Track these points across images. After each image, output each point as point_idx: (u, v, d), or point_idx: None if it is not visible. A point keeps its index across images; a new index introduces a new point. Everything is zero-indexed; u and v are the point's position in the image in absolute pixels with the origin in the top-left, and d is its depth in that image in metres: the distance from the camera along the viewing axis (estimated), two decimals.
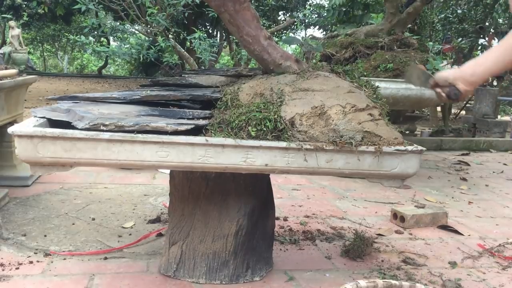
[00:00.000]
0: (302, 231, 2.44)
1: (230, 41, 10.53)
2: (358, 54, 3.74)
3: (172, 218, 1.87)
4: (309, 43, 2.63)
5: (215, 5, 1.68)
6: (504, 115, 9.33)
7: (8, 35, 11.65)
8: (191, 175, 1.76)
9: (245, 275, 1.84)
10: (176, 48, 4.70)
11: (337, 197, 3.20)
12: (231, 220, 1.78)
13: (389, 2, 3.94)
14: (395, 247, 2.33)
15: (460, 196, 3.41)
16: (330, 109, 1.55)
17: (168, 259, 1.86)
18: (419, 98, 3.38)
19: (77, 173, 3.30)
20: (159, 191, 3.04)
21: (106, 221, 2.44)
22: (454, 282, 1.95)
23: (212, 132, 1.51)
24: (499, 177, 4.17)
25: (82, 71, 22.53)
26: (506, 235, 2.62)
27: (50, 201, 2.69)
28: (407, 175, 1.61)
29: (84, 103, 1.64)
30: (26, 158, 1.41)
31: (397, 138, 1.57)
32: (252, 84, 1.69)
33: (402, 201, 3.18)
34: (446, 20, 7.30)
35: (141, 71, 16.77)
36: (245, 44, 1.75)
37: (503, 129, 6.41)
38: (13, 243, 2.11)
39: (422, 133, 6.04)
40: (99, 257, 2.01)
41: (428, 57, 3.64)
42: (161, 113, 1.58)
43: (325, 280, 1.92)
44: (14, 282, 1.75)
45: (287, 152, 1.50)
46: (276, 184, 3.33)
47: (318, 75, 1.72)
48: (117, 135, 1.41)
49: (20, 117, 2.99)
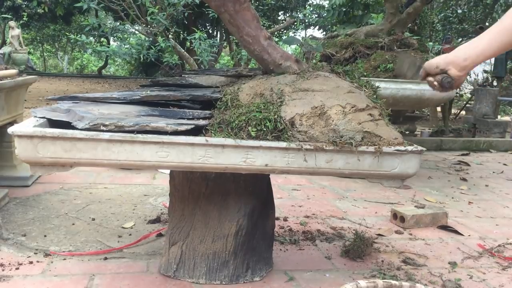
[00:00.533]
0: (302, 231, 2.44)
1: (230, 41, 10.52)
2: (358, 54, 3.74)
3: (172, 218, 1.87)
4: (309, 43, 2.63)
5: (215, 5, 1.68)
6: (504, 115, 9.33)
7: (8, 35, 11.65)
8: (191, 176, 1.76)
9: (245, 275, 1.84)
10: (176, 48, 4.70)
11: (337, 197, 3.20)
12: (231, 220, 1.78)
13: (389, 2, 3.94)
14: (395, 247, 2.33)
15: (460, 196, 3.41)
16: (330, 109, 1.55)
17: (168, 259, 1.86)
18: (419, 98, 3.38)
19: (77, 173, 3.30)
20: (159, 191, 3.04)
21: (106, 221, 2.44)
22: (454, 282, 1.95)
23: (212, 132, 1.51)
24: (499, 177, 4.17)
25: (82, 71, 22.53)
26: (506, 235, 2.62)
27: (50, 201, 2.69)
28: (407, 175, 1.61)
29: (84, 103, 1.64)
30: (26, 158, 1.41)
31: (397, 138, 1.57)
32: (252, 84, 1.69)
33: (402, 201, 3.18)
34: (446, 20, 7.30)
35: (141, 71, 16.77)
36: (245, 44, 1.75)
37: (503, 129, 6.41)
38: (13, 243, 2.11)
39: (422, 133, 6.04)
40: (99, 257, 2.01)
41: (428, 57, 3.64)
42: (161, 113, 1.57)
43: (325, 280, 1.91)
44: (14, 282, 1.75)
45: (287, 152, 1.50)
46: (276, 184, 3.33)
47: (318, 75, 1.72)
48: (117, 135, 1.41)
49: (20, 117, 2.99)
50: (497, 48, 1.26)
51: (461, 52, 1.30)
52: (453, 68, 1.29)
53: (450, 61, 1.30)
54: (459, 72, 1.29)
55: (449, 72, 1.29)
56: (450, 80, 1.29)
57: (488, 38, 1.27)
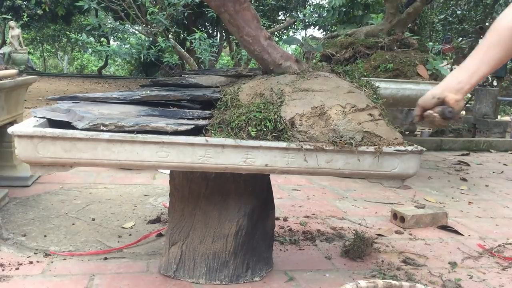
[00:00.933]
0: (302, 231, 2.44)
1: (230, 41, 10.53)
2: (358, 54, 3.74)
3: (172, 218, 1.87)
4: (309, 43, 2.63)
5: (215, 5, 1.68)
6: (504, 115, 9.32)
7: (8, 35, 11.65)
8: (191, 176, 1.76)
9: (245, 276, 1.84)
10: (176, 48, 4.71)
11: (337, 198, 3.20)
12: (231, 221, 1.78)
13: (389, 2, 3.94)
14: (395, 247, 2.33)
15: (460, 196, 3.41)
16: (330, 109, 1.55)
17: (168, 259, 1.86)
18: (419, 98, 3.37)
19: (77, 173, 3.30)
20: (159, 191, 3.04)
21: (106, 221, 2.44)
22: (454, 283, 1.95)
23: (212, 132, 1.51)
24: (499, 177, 4.17)
25: (82, 71, 22.53)
26: (506, 235, 2.62)
27: (50, 201, 2.69)
28: (407, 175, 1.61)
29: (84, 103, 1.64)
30: (26, 158, 1.41)
31: (397, 138, 1.57)
32: (252, 84, 1.69)
33: (402, 201, 3.18)
34: (446, 21, 7.30)
35: (141, 71, 16.77)
36: (245, 44, 1.75)
37: (503, 129, 6.41)
38: (13, 243, 2.10)
39: (422, 133, 6.04)
40: (99, 257, 2.01)
41: (428, 57, 3.64)
42: (161, 113, 1.57)
43: (325, 280, 1.91)
44: (14, 282, 1.75)
45: (287, 152, 1.50)
46: (276, 184, 3.33)
47: (318, 75, 1.72)
48: (117, 135, 1.41)
49: (20, 117, 2.99)
50: (488, 65, 1.23)
51: (453, 77, 1.27)
52: (449, 93, 1.25)
53: (444, 88, 1.27)
54: (456, 96, 1.25)
55: (447, 99, 1.25)
56: (451, 110, 1.24)
57: (477, 58, 1.24)
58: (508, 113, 9.60)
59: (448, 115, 1.24)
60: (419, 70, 3.48)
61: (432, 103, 1.29)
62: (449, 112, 1.24)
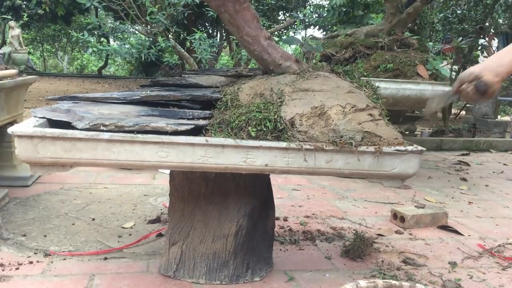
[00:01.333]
0: (302, 231, 2.44)
1: (230, 41, 10.52)
2: (358, 54, 3.74)
3: (172, 218, 1.87)
4: (309, 43, 2.63)
5: (215, 5, 1.68)
6: (504, 115, 9.32)
7: (8, 35, 11.65)
8: (191, 176, 1.76)
9: (245, 276, 1.84)
10: (176, 48, 4.70)
11: (337, 197, 3.20)
12: (231, 220, 1.78)
13: (389, 2, 3.94)
14: (395, 247, 2.33)
15: (460, 196, 3.41)
16: (330, 109, 1.55)
17: (168, 259, 1.86)
18: (419, 98, 3.38)
19: (77, 173, 3.30)
20: (159, 191, 3.04)
21: (106, 221, 2.44)
22: (454, 283, 1.95)
23: (212, 132, 1.51)
24: (499, 177, 4.17)
25: (82, 71, 22.53)
26: (506, 235, 2.62)
27: (50, 201, 2.69)
28: (407, 175, 1.61)
29: (84, 103, 1.64)
30: (26, 158, 1.41)
31: (397, 138, 1.57)
32: (252, 84, 1.69)
33: (402, 201, 3.18)
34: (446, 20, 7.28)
35: (141, 71, 16.77)
36: (245, 44, 1.75)
37: (503, 129, 6.41)
38: (13, 243, 2.10)
39: (422, 133, 6.04)
40: (99, 257, 2.01)
41: (428, 57, 3.64)
42: (161, 113, 1.58)
43: (325, 280, 1.91)
44: (14, 282, 1.75)
45: (287, 152, 1.50)
46: (276, 184, 3.33)
47: (318, 75, 1.72)
48: (117, 135, 1.41)
49: (20, 117, 2.99)
50: None
51: (495, 59, 1.32)
52: (488, 73, 1.30)
53: (484, 67, 1.32)
54: (494, 78, 1.30)
55: (484, 78, 1.30)
56: (484, 84, 1.30)
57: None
58: (508, 113, 9.60)
59: (482, 88, 1.30)
60: (419, 70, 3.48)
61: (469, 79, 1.35)
62: (482, 86, 1.30)
